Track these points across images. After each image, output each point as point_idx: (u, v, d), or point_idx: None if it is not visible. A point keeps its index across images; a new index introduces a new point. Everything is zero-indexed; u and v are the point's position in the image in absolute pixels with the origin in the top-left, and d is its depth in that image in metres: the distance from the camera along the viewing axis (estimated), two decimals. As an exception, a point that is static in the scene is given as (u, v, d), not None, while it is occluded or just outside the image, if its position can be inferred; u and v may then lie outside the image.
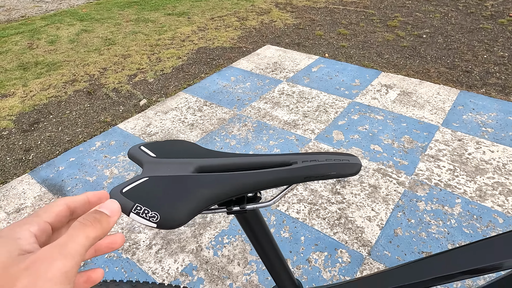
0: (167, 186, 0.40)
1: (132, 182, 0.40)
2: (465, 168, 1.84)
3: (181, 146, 0.48)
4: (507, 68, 2.80)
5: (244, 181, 0.42)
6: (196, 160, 0.44)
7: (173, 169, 0.42)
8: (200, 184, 0.41)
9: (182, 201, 0.38)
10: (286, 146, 2.07)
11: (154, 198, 0.38)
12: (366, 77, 2.74)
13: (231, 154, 0.47)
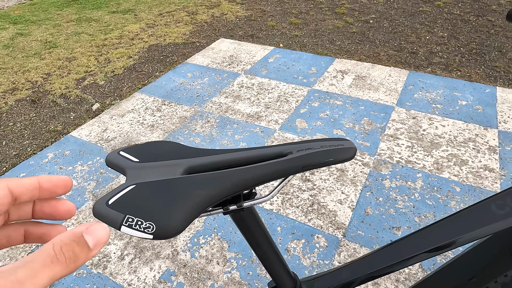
0: (158, 192, 0.37)
1: (118, 192, 0.36)
2: (421, 144, 1.95)
3: (164, 147, 0.44)
4: (447, 47, 3.00)
5: (240, 177, 0.40)
6: (184, 160, 0.41)
7: (160, 173, 0.39)
8: (193, 185, 0.38)
9: (177, 206, 0.35)
10: (252, 139, 2.05)
11: (146, 206, 0.35)
12: (321, 65, 2.79)
13: (220, 151, 0.45)
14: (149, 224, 0.34)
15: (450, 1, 3.88)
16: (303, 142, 0.45)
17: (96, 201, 0.36)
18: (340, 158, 0.43)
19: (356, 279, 0.57)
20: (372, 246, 1.45)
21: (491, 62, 2.75)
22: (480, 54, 2.86)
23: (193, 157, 0.42)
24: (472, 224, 0.52)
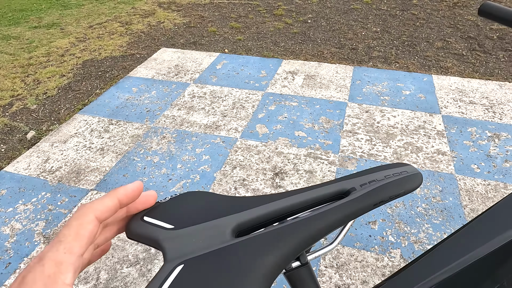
0: (215, 269, 0.29)
1: (165, 279, 0.28)
2: (379, 136, 2.03)
3: (195, 201, 0.35)
4: (382, 41, 3.18)
5: (309, 230, 0.33)
6: (229, 218, 0.33)
7: (207, 241, 0.31)
8: (256, 252, 0.30)
9: (244, 284, 0.28)
10: (215, 150, 1.97)
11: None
12: (270, 67, 2.79)
13: (266, 197, 0.36)
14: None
15: None
16: (362, 174, 0.39)
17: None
18: (409, 188, 0.38)
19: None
20: (353, 245, 1.46)
21: (423, 52, 2.97)
22: (411, 45, 3.09)
23: (237, 210, 0.34)
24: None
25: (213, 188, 1.74)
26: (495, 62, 2.78)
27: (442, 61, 2.83)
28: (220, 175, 1.81)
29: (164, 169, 1.86)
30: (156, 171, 1.86)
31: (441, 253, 0.55)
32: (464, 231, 0.55)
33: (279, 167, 1.84)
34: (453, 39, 3.15)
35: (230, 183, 1.76)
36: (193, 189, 1.75)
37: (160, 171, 1.86)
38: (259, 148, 1.97)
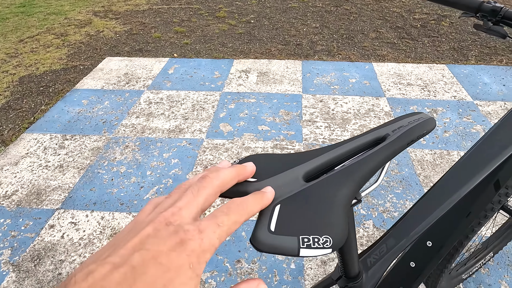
0: (305, 204, 0.33)
1: (271, 216, 0.32)
2: (335, 122, 2.18)
3: (261, 160, 0.40)
4: (323, 36, 3.39)
5: (362, 169, 0.39)
6: (298, 168, 0.38)
7: (287, 187, 0.36)
8: (329, 190, 0.35)
9: (332, 213, 0.33)
10: (183, 153, 1.97)
11: (308, 222, 0.32)
12: (223, 68, 2.84)
13: (318, 150, 0.42)
14: (325, 238, 0.31)
15: (311, -4, 4.38)
16: (391, 123, 0.46)
17: (255, 234, 0.31)
18: (429, 129, 0.46)
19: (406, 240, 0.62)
20: (331, 222, 1.56)
21: (360, 43, 3.23)
22: (349, 38, 3.33)
23: (299, 162, 0.39)
24: (479, 164, 0.62)
25: (188, 190, 1.74)
26: (422, 48, 3.12)
27: (378, 50, 3.10)
28: (193, 176, 1.82)
29: (133, 178, 1.82)
30: (125, 180, 1.81)
31: (423, 207, 0.65)
32: (434, 190, 0.66)
33: (249, 161, 1.90)
34: (384, 30, 3.46)
35: (204, 182, 1.78)
36: (167, 193, 1.73)
37: (130, 180, 1.81)
38: (227, 146, 2.01)
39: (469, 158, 0.66)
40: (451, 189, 0.64)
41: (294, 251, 0.31)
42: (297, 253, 0.31)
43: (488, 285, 1.32)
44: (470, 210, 0.73)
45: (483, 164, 0.64)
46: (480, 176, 0.64)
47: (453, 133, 2.07)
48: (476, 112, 2.25)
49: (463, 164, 0.66)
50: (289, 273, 1.38)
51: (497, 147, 0.65)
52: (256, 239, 0.31)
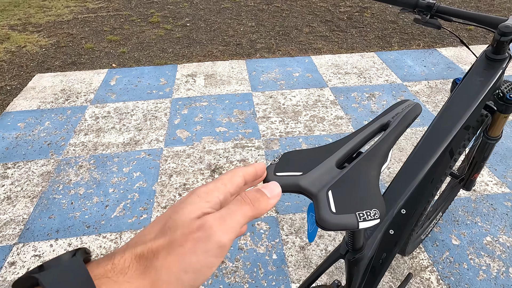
0: (350, 186, 0.40)
1: (328, 201, 0.37)
2: (288, 116, 2.29)
3: (296, 156, 0.45)
4: (261, 34, 3.50)
5: (381, 152, 0.46)
6: (328, 160, 0.44)
7: (327, 174, 0.41)
8: (364, 170, 0.42)
9: (372, 190, 0.40)
10: (144, 165, 1.92)
11: (358, 200, 0.38)
12: (168, 74, 2.80)
13: (338, 143, 0.48)
14: (374, 211, 0.37)
15: (242, -4, 4.47)
16: (388, 112, 0.54)
17: (321, 217, 0.36)
18: (419, 112, 0.54)
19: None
20: (301, 209, 1.66)
21: (296, 38, 3.40)
22: (285, 34, 3.49)
23: (329, 154, 0.45)
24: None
25: (156, 201, 1.72)
26: (352, 38, 3.38)
27: (313, 43, 3.29)
28: (159, 186, 1.79)
29: (95, 198, 1.74)
30: (87, 202, 1.72)
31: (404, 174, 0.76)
32: (407, 164, 0.77)
33: (213, 163, 1.92)
34: (315, 24, 3.68)
35: (172, 191, 1.76)
36: (135, 208, 1.69)
37: (92, 201, 1.73)
38: (188, 152, 2.01)
39: (431, 133, 0.78)
40: (422, 162, 0.75)
41: (355, 225, 0.37)
42: (357, 227, 0.37)
43: (441, 241, 1.53)
44: (433, 177, 0.86)
45: (442, 137, 0.76)
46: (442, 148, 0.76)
47: (391, 113, 2.30)
48: (407, 92, 2.53)
49: (427, 139, 0.78)
50: (273, 263, 1.44)
51: (450, 122, 0.78)
52: (323, 221, 0.36)
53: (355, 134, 0.49)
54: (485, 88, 0.77)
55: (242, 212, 0.28)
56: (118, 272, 0.24)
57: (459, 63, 2.88)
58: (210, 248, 0.25)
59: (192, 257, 0.25)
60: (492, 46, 0.79)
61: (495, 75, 0.78)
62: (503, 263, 1.43)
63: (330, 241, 1.52)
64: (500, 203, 1.69)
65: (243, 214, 0.28)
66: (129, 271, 0.24)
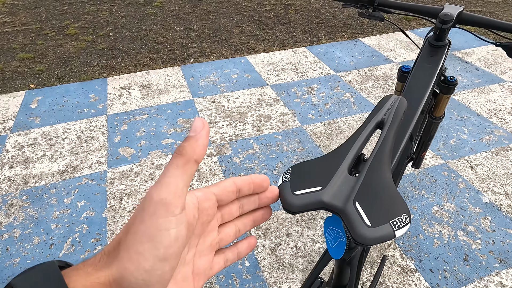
0: (369, 193, 0.38)
1: (359, 215, 0.35)
2: (234, 118, 2.27)
3: (308, 169, 0.41)
4: (191, 38, 3.41)
5: (387, 150, 0.45)
6: (339, 170, 0.41)
7: (347, 184, 0.39)
8: (378, 175, 0.41)
9: (394, 194, 0.38)
10: (88, 191, 1.74)
11: (385, 208, 0.36)
12: (97, 89, 2.58)
13: (342, 149, 0.46)
14: (404, 215, 0.36)
15: (165, 1, 4.32)
16: (379, 108, 0.52)
17: (360, 233, 0.34)
18: (405, 105, 0.54)
19: None
20: (265, 210, 1.65)
21: (228, 40, 3.37)
22: (217, 36, 3.44)
23: (338, 161, 0.42)
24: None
25: (110, 229, 1.57)
26: (281, 35, 3.47)
27: (246, 43, 3.30)
28: (110, 212, 1.64)
29: (36, 238, 1.53)
30: (26, 245, 1.51)
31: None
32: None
33: (166, 178, 1.82)
34: (244, 24, 3.70)
35: (125, 215, 1.63)
36: (86, 241, 1.52)
37: (32, 242, 1.52)
38: (136, 170, 1.87)
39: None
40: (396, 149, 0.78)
41: (392, 235, 0.35)
42: (394, 236, 0.35)
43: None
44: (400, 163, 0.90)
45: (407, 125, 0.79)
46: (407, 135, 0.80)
47: (332, 104, 2.41)
48: (341, 82, 2.66)
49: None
50: (247, 271, 1.41)
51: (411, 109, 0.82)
52: (363, 237, 0.34)
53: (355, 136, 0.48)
54: (434, 73, 0.82)
55: (173, 165, 0.26)
56: (88, 266, 0.24)
57: (381, 50, 3.12)
58: (154, 210, 0.24)
59: (140, 226, 0.24)
60: (435, 34, 0.85)
61: (440, 60, 0.84)
62: (451, 228, 1.58)
63: (298, 237, 1.54)
64: (439, 174, 1.86)
65: (175, 165, 0.26)
66: (99, 264, 0.24)
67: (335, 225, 0.43)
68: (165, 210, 0.24)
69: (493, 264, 1.43)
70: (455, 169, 1.88)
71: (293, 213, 0.37)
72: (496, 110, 2.34)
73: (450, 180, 1.81)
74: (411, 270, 1.41)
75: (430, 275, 1.39)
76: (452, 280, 1.37)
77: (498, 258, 1.45)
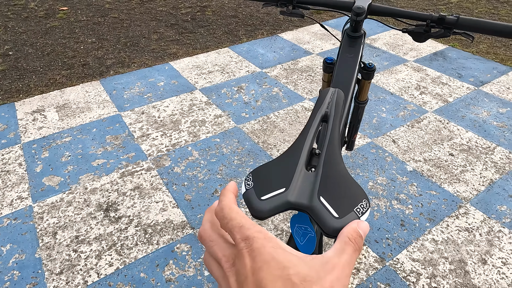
0: (332, 186, 0.39)
1: (326, 208, 0.36)
2: (168, 127, 2.19)
3: (267, 171, 0.41)
4: (107, 49, 3.20)
5: (336, 141, 0.47)
6: (299, 164, 0.42)
7: (308, 180, 0.40)
8: (334, 167, 0.42)
9: (351, 181, 0.40)
10: (14, 233, 1.54)
11: (348, 196, 0.37)
12: (5, 116, 2.29)
13: (297, 144, 0.46)
14: (364, 201, 0.37)
15: (70, 12, 3.98)
16: (321, 102, 0.54)
17: (329, 225, 0.34)
18: (343, 96, 0.57)
19: None
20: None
21: (148, 47, 3.24)
22: (135, 44, 3.29)
23: (294, 160, 0.42)
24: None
25: (47, 269, 1.41)
26: (202, 38, 3.44)
27: (167, 49, 3.21)
28: (44, 251, 1.48)
29: None
30: None
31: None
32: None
33: (104, 202, 1.69)
34: (162, 30, 3.59)
35: (63, 250, 1.48)
36: (20, 287, 1.35)
37: (-49, 304, 1.30)
38: (67, 199, 1.71)
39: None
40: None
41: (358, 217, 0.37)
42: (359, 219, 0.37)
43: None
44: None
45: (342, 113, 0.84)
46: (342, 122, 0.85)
47: (262, 100, 2.46)
48: (268, 78, 2.73)
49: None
50: (207, 280, 1.38)
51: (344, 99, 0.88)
52: (332, 229, 0.35)
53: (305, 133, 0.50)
54: (356, 62, 0.89)
55: (355, 257, 0.28)
56: None
57: (299, 43, 3.27)
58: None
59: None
60: (351, 26, 0.92)
61: (359, 50, 0.91)
62: (386, 199, 1.73)
63: (252, 236, 1.55)
64: (368, 152, 2.02)
65: (355, 258, 0.28)
66: None
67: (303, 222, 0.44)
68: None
69: (425, 224, 1.60)
70: (381, 145, 2.07)
71: (263, 218, 0.38)
72: (405, 87, 2.61)
73: (378, 156, 1.99)
74: (359, 244, 1.52)
75: (376, 245, 1.51)
76: (395, 246, 1.51)
77: (427, 218, 1.63)
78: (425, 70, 2.82)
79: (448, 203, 1.70)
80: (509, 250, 1.48)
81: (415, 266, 1.43)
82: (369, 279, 1.38)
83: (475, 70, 2.82)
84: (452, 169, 1.90)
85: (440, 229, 1.58)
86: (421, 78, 2.72)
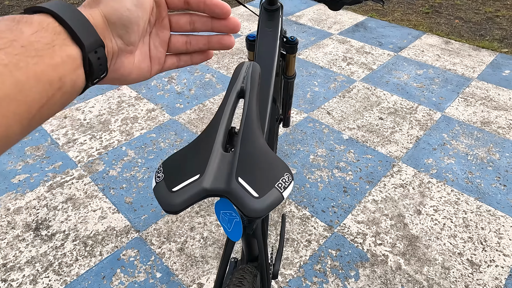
0: (252, 165, 0.36)
1: (245, 189, 0.32)
2: (96, 129, 2.03)
3: (179, 159, 0.36)
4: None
5: (254, 118, 0.43)
6: (215, 147, 0.38)
7: (226, 163, 0.36)
8: (254, 144, 0.39)
9: (272, 157, 0.38)
10: None
11: (268, 172, 0.35)
12: None
13: (212, 125, 0.42)
14: (286, 175, 0.35)
15: None
16: (234, 80, 0.50)
17: (249, 208, 0.31)
18: (259, 69, 0.53)
19: None
20: (161, 214, 1.56)
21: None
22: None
23: (210, 142, 0.38)
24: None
25: (-27, 307, 1.24)
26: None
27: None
28: None
29: None
30: None
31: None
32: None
33: (33, 220, 1.52)
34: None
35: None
36: None
37: None
38: None
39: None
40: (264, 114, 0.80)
41: (281, 198, 0.34)
42: (283, 198, 0.35)
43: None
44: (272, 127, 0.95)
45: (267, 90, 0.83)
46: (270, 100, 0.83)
47: (196, 88, 2.39)
48: (199, 65, 2.65)
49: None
50: (160, 282, 1.32)
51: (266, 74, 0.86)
52: (253, 210, 0.32)
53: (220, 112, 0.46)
54: (277, 35, 0.87)
55: None
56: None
57: (227, 27, 3.21)
58: None
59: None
60: (267, -1, 0.90)
61: (278, 23, 0.90)
62: (327, 169, 1.79)
63: (202, 228, 1.51)
64: (306, 126, 2.07)
65: None
66: (87, 6, 0.28)
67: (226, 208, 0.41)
68: None
69: (365, 187, 1.69)
70: (317, 118, 2.12)
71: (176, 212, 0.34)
72: (333, 60, 2.70)
73: (316, 129, 2.04)
74: (308, 217, 1.56)
75: (323, 215, 1.57)
76: (340, 212, 1.58)
77: (367, 181, 1.72)
78: (349, 42, 2.94)
79: (383, 164, 1.81)
80: (438, 198, 1.63)
81: (360, 227, 1.51)
82: (321, 248, 1.43)
83: (393, 37, 3.01)
84: (383, 132, 2.02)
85: (379, 189, 1.68)
86: (346, 50, 2.83)
